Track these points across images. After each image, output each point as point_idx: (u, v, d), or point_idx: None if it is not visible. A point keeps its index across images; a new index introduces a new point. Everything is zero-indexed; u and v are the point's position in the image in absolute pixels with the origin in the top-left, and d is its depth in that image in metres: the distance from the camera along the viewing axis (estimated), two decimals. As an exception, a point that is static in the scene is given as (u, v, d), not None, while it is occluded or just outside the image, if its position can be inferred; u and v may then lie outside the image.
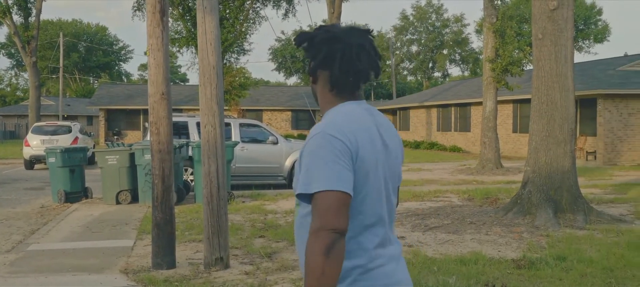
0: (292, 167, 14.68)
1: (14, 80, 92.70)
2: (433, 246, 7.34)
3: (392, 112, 41.64)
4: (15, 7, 32.67)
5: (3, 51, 71.75)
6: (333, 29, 1.94)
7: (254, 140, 14.92)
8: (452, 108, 32.61)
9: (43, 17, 37.12)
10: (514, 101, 26.53)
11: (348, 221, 1.73)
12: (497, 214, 9.19)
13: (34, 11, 33.27)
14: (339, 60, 1.89)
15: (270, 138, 14.81)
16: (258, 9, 34.99)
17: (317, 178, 1.72)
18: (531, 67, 11.48)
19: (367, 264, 1.82)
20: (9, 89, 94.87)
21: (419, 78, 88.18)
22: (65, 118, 49.14)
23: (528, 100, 25.86)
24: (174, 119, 15.57)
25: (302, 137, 40.11)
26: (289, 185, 14.51)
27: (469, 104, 30.79)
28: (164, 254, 6.39)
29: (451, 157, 26.96)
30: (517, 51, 19.50)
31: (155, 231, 6.43)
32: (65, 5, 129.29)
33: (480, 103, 28.86)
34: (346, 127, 1.81)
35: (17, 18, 33.21)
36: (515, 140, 26.99)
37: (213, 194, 6.23)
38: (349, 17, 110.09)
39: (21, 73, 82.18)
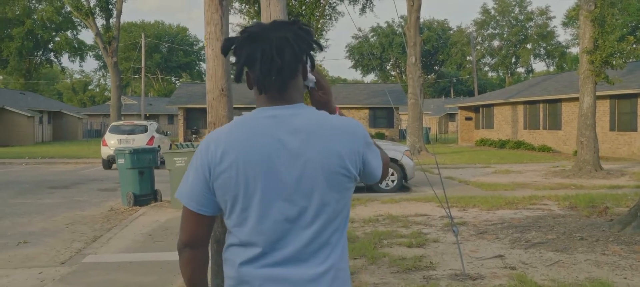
0: (370, 169, 13.68)
1: (102, 81, 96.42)
2: (540, 269, 6.15)
3: (475, 109, 39.79)
4: (97, 9, 33.30)
5: (91, 53, 74.31)
6: (252, 28, 1.77)
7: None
8: (541, 105, 30.57)
9: (127, 19, 37.87)
10: (612, 97, 24.39)
11: (193, 234, 1.77)
12: (612, 228, 7.85)
13: (115, 13, 33.80)
14: (259, 60, 1.72)
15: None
16: (334, 4, 34.16)
17: (180, 185, 1.81)
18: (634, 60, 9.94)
19: (237, 277, 1.74)
20: (97, 89, 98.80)
21: (501, 74, 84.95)
22: (147, 117, 50.18)
23: (628, 96, 23.81)
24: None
25: (380, 136, 38.97)
26: (367, 188, 13.54)
27: (559, 100, 28.72)
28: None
29: (541, 157, 25.13)
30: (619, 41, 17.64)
31: (215, 247, 5.60)
32: (148, 8, 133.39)
33: (572, 99, 26.84)
34: (215, 138, 1.74)
35: (99, 20, 33.87)
36: (612, 140, 24.83)
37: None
38: (429, 11, 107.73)
39: (108, 74, 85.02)
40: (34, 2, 60.59)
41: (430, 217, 9.48)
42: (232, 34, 5.18)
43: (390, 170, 13.80)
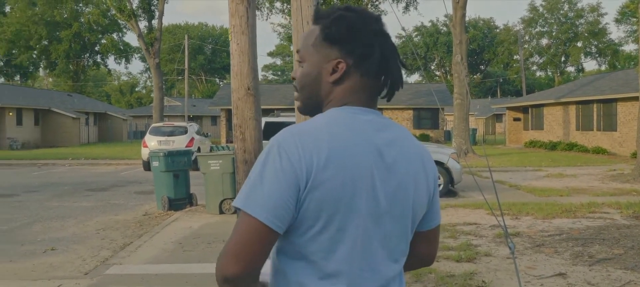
0: (415, 173, 13.00)
1: (148, 82, 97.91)
2: (610, 290, 5.42)
3: (523, 109, 38.46)
4: (139, 10, 33.44)
5: (136, 55, 75.37)
6: (365, 13, 1.51)
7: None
8: (594, 105, 29.18)
9: (171, 21, 38.01)
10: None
11: (252, 262, 1.32)
12: (688, 241, 7.01)
13: (156, 14, 33.92)
14: (383, 56, 1.50)
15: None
16: (377, 3, 33.46)
17: (244, 193, 1.35)
18: None
19: None
20: (144, 91, 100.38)
21: (550, 73, 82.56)
22: (190, 118, 50.44)
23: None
24: (276, 119, 14.60)
25: (424, 137, 38.07)
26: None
27: (615, 100, 27.32)
28: None
29: (595, 160, 23.89)
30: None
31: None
32: (192, 10, 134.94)
33: (629, 98, 25.47)
34: (310, 140, 1.36)
35: (141, 22, 34.03)
36: (673, 141, 23.41)
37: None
38: (475, 9, 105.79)
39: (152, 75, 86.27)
40: (81, 5, 61.72)
41: (480, 227, 8.77)
42: (270, 30, 4.63)
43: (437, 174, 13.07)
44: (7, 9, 67.55)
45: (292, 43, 35.21)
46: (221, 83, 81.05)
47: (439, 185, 13.05)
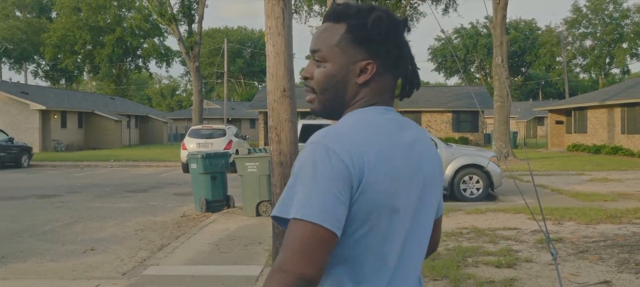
0: (454, 177, 12.82)
1: (188, 86, 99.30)
2: (658, 300, 5.20)
3: (566, 112, 37.61)
4: (180, 15, 33.90)
5: (177, 59, 76.45)
6: (394, 16, 1.49)
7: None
8: (641, 107, 28.35)
9: (211, 25, 38.38)
10: None
11: (322, 266, 1.27)
12: None
13: (196, 18, 34.33)
14: (407, 58, 1.51)
15: (428, 143, 13.05)
16: (416, 5, 33.19)
17: (297, 201, 1.27)
18: None
19: None
20: (184, 94, 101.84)
21: (594, 75, 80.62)
22: (229, 121, 50.91)
23: None
24: (313, 121, 14.57)
25: (464, 140, 37.59)
26: (450, 196, 12.67)
27: (662, 102, 26.50)
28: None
29: (641, 163, 23.18)
30: None
31: (276, 265, 5.04)
32: (231, 14, 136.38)
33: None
34: (355, 141, 1.34)
35: (181, 26, 34.48)
36: None
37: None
38: (516, 11, 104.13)
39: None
40: (123, 10, 62.95)
41: (520, 232, 8.56)
42: (308, 33, 4.59)
43: (476, 177, 12.87)
44: (54, 14, 69.44)
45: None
46: (260, 86, 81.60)
47: (478, 189, 12.83)
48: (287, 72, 5.01)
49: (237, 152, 21.74)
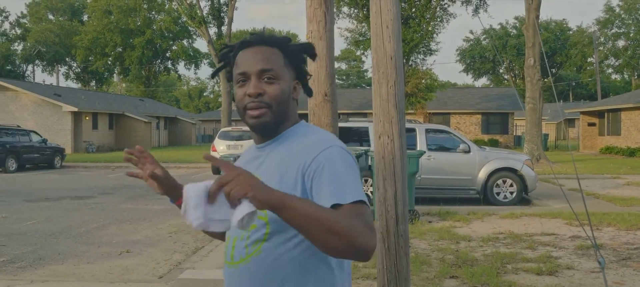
0: (487, 180, 12.65)
1: (216, 87, 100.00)
2: None
3: (598, 114, 36.94)
4: (209, 17, 34.13)
5: (205, 60, 77.07)
6: (312, 48, 1.84)
7: (442, 149, 13.12)
8: (677, 109, 27.70)
9: (240, 27, 38.59)
10: None
11: None
12: None
13: (226, 20, 34.52)
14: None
15: (461, 146, 12.91)
16: (445, 6, 32.91)
17: (358, 189, 1.55)
18: None
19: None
20: (212, 96, 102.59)
21: (627, 76, 79.09)
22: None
23: None
24: (353, 124, 14.51)
25: (493, 142, 37.17)
26: (483, 200, 12.51)
27: (700, 104, 25.84)
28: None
29: (678, 167, 22.63)
30: None
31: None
32: (260, 17, 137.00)
33: None
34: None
35: (211, 28, 34.71)
36: None
37: (389, 228, 4.62)
38: (547, 11, 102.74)
39: (220, 81, 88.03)
40: (153, 13, 63.65)
41: (559, 237, 8.39)
42: (336, 35, 4.55)
43: (509, 181, 12.69)
44: (85, 17, 70.54)
45: (360, 47, 34.99)
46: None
47: (512, 193, 12.65)
48: (329, 77, 4.96)
49: (266, 154, 21.82)
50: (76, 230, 9.93)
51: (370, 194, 11.94)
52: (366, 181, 12.46)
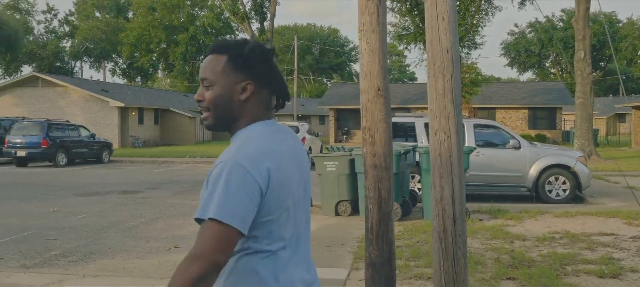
0: (539, 177, 12.28)
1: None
2: None
3: (652, 108, 35.69)
4: (252, 13, 34.26)
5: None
6: (264, 46, 1.94)
7: (491, 144, 12.79)
8: None
9: (281, 23, 38.69)
10: None
11: (227, 258, 1.68)
12: None
13: (268, 16, 34.59)
14: (277, 78, 1.92)
15: (511, 141, 12.56)
16: (491, -1, 32.24)
17: (215, 204, 1.65)
18: None
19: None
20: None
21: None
22: (299, 118, 51.17)
23: None
24: (400, 119, 14.28)
25: (541, 138, 36.32)
26: (535, 198, 12.16)
27: None
28: (382, 301, 4.78)
29: None
30: None
31: (369, 272, 4.84)
32: (300, 12, 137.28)
33: None
34: (259, 156, 1.74)
35: (253, 24, 34.83)
36: None
37: (447, 227, 4.44)
38: (594, 3, 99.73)
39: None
40: (196, 9, 64.35)
41: (618, 238, 8.04)
42: (388, 27, 4.39)
43: (562, 178, 12.29)
44: (130, 14, 71.82)
45: (402, 41, 34.59)
46: (328, 83, 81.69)
47: (565, 190, 12.25)
48: (382, 71, 4.80)
49: (310, 149, 21.71)
50: (125, 224, 10.02)
51: (417, 191, 11.72)
52: (413, 176, 12.25)
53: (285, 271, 1.81)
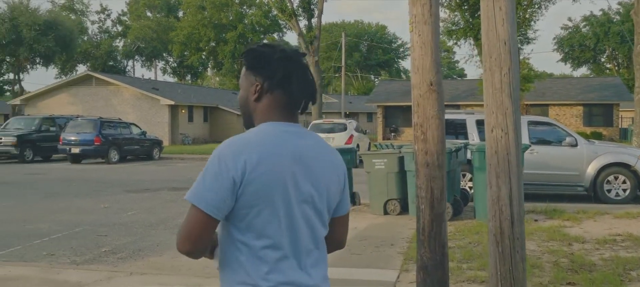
0: (597, 176, 11.79)
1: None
2: None
3: None
4: (300, 9, 34.24)
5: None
6: (286, 49, 2.01)
7: (546, 142, 12.34)
8: None
9: (328, 20, 38.61)
10: None
11: (198, 243, 1.82)
12: None
13: (316, 13, 34.52)
14: (298, 79, 1.96)
15: (568, 139, 12.09)
16: (546, -8, 31.34)
17: (192, 189, 1.83)
18: None
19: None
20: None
21: None
22: (347, 115, 50.97)
23: None
24: (451, 116, 13.87)
25: (597, 135, 35.15)
26: (593, 198, 11.67)
27: None
28: (434, 306, 4.58)
29: None
30: None
31: (421, 275, 4.64)
32: (348, 9, 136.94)
33: None
34: (238, 149, 1.84)
35: (301, 21, 34.80)
36: None
37: (504, 230, 4.20)
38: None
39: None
40: (245, 7, 64.85)
41: (687, 241, 7.57)
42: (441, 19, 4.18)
43: (622, 177, 11.76)
44: (180, 13, 72.96)
45: (452, 37, 34.00)
46: (376, 80, 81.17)
47: (625, 190, 11.72)
48: (434, 64, 4.58)
49: (358, 146, 21.51)
50: (174, 221, 10.05)
51: (468, 189, 11.41)
52: (464, 175, 11.91)
53: (276, 271, 1.84)
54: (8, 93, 62.84)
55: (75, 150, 23.57)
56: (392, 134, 41.24)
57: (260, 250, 1.83)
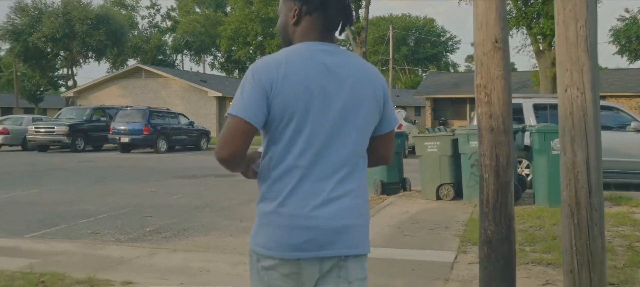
0: (664, 163, 11.06)
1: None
2: None
3: None
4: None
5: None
6: None
7: (610, 128, 11.65)
8: None
9: (376, 13, 38.12)
10: None
11: (237, 149, 1.90)
12: None
13: (363, 3, 34.07)
14: (333, 3, 2.02)
15: (634, 124, 11.39)
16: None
17: (232, 104, 1.93)
18: None
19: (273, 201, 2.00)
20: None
21: None
22: (395, 107, 50.43)
23: None
24: (545, 100, 13.30)
25: (657, 127, 33.65)
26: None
27: None
28: (499, 283, 4.17)
29: None
30: None
31: (485, 249, 4.23)
32: (396, 2, 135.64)
33: None
34: (272, 64, 1.94)
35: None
36: None
37: (580, 200, 3.75)
38: None
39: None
40: None
41: None
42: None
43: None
44: (228, 8, 73.53)
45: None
46: (424, 74, 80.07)
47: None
48: (499, 20, 4.17)
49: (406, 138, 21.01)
50: (219, 205, 9.86)
51: (524, 176, 10.87)
52: (520, 162, 11.35)
53: (288, 194, 1.96)
54: (62, 88, 64.46)
55: (125, 139, 23.81)
56: (441, 126, 40.48)
57: (278, 164, 1.95)
